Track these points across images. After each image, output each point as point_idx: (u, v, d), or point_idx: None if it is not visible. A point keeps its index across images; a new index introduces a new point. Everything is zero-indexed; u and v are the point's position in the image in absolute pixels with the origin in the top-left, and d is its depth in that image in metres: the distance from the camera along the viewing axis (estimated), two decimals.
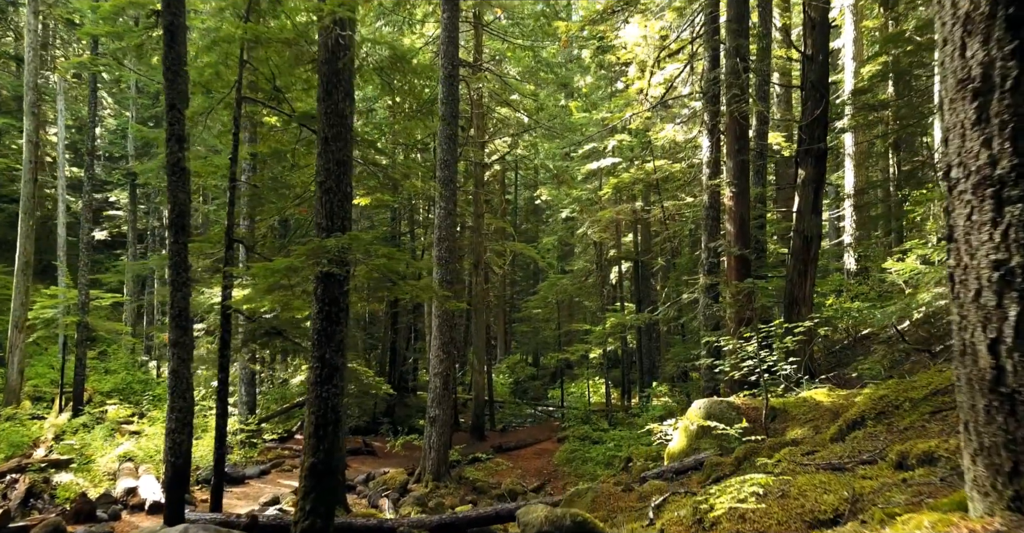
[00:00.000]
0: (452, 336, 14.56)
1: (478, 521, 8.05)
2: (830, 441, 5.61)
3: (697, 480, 7.17)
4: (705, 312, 12.82)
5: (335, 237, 6.41)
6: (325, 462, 6.57)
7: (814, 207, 12.12)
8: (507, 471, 16.23)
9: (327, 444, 6.61)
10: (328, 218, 6.82)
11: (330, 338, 6.75)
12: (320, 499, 6.48)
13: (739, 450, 6.92)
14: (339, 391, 6.77)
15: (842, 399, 7.94)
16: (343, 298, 6.85)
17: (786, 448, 5.42)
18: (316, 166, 6.99)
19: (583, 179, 26.43)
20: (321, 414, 6.63)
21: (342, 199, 6.91)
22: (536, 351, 38.45)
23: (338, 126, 6.97)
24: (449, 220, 14.41)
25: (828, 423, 7.28)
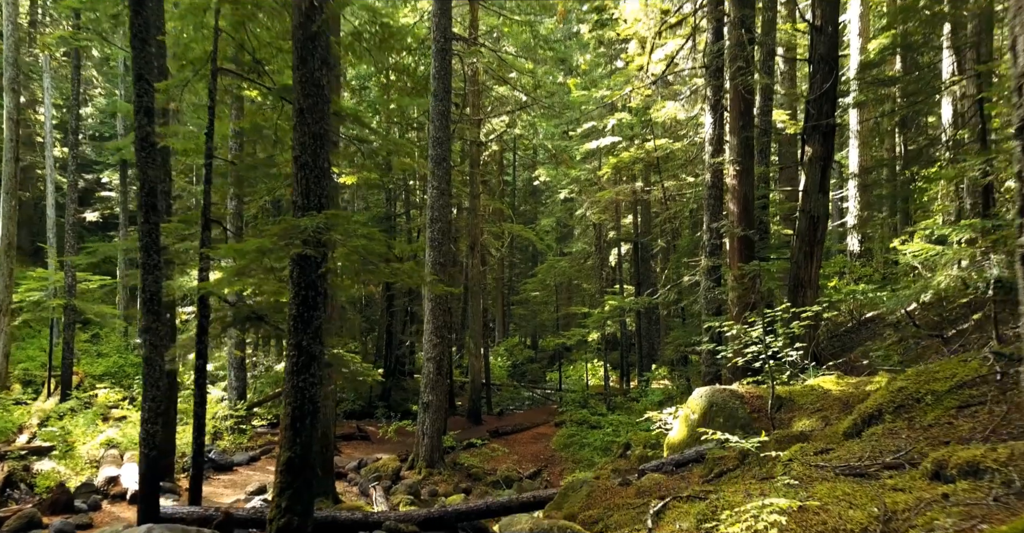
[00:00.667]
0: (446, 320, 14.15)
1: (468, 515, 7.68)
2: (844, 437, 5.19)
3: (699, 474, 6.78)
4: (706, 295, 12.38)
5: (310, 216, 5.95)
6: (302, 456, 6.16)
7: (821, 186, 11.63)
8: (503, 457, 15.90)
9: (304, 437, 6.19)
10: (304, 196, 6.35)
11: (307, 324, 6.31)
12: (297, 495, 6.09)
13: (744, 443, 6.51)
14: (317, 380, 6.34)
15: (852, 388, 7.53)
16: (321, 282, 6.40)
17: (796, 445, 5.00)
18: (292, 140, 6.50)
19: (582, 159, 25.87)
20: (298, 405, 6.21)
21: (319, 175, 6.43)
22: (534, 333, 38.12)
23: (314, 96, 6.47)
24: (442, 200, 13.92)
25: (838, 414, 6.87)
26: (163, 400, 7.60)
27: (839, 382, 7.86)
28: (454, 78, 20.18)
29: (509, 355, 33.91)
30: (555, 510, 6.94)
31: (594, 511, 6.05)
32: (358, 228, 6.29)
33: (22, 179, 31.85)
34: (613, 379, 26.92)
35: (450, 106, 14.64)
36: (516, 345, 35.60)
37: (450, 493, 12.73)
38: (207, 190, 8.57)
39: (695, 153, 19.11)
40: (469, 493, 13.09)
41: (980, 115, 12.56)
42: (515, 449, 17.26)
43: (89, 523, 9.36)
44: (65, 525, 8.89)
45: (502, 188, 32.11)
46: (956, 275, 6.68)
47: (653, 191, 22.21)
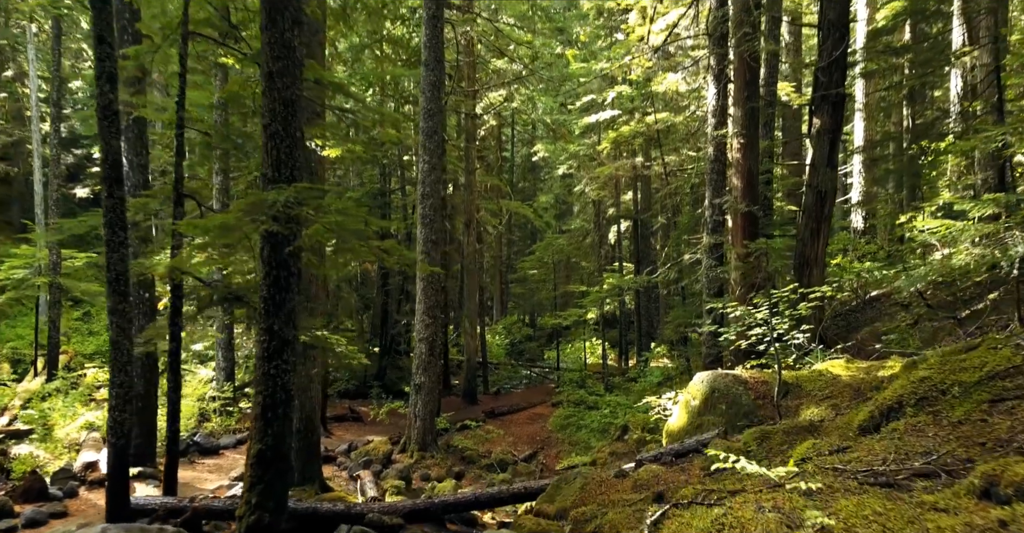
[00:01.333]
0: (439, 299, 13.70)
1: (456, 506, 7.28)
2: (859, 431, 4.74)
3: (700, 466, 6.36)
4: (708, 274, 11.90)
5: (277, 189, 5.44)
6: (275, 448, 5.73)
7: (829, 160, 11.09)
8: (498, 439, 15.55)
9: (276, 428, 5.76)
10: (274, 167, 5.84)
11: (279, 307, 5.84)
12: (269, 490, 5.67)
13: (748, 435, 6.08)
14: (290, 367, 5.89)
15: (863, 373, 7.09)
16: (294, 261, 5.92)
17: (808, 441, 4.55)
18: (261, 106, 5.98)
19: (581, 133, 25.25)
20: (269, 394, 5.76)
21: (290, 145, 5.91)
22: (533, 311, 37.74)
23: (285, 59, 5.93)
24: (434, 175, 13.38)
25: (849, 401, 6.44)
26: (131, 386, 7.16)
27: (848, 367, 7.42)
28: (448, 49, 19.52)
29: (507, 333, 33.55)
30: (547, 503, 6.54)
31: (587, 508, 5.64)
32: (333, 202, 5.79)
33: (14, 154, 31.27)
34: (612, 357, 26.57)
35: (442, 76, 14.03)
36: (514, 323, 35.23)
37: (443, 477, 12.39)
38: (178, 163, 8.04)
39: (697, 126, 18.52)
40: (462, 477, 12.76)
41: (997, 85, 11.97)
42: (510, 430, 16.92)
43: (64, 511, 8.97)
44: (37, 513, 8.51)
45: (500, 164, 31.48)
46: (977, 253, 6.21)
47: (653, 166, 21.64)
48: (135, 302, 11.19)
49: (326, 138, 9.54)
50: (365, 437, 15.34)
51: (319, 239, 5.92)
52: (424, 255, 13.28)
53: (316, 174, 10.49)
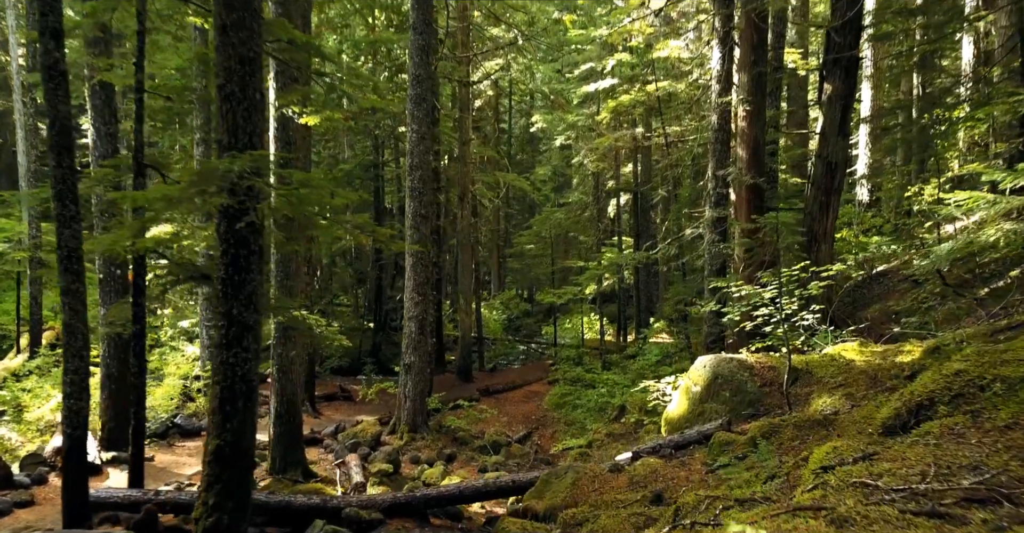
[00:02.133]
0: (428, 276, 13.13)
1: (439, 500, 6.80)
2: (883, 430, 4.20)
3: (701, 460, 5.85)
4: (710, 250, 11.32)
5: (230, 158, 4.83)
6: (234, 444, 5.20)
7: (840, 127, 10.46)
8: (492, 419, 15.11)
9: (236, 422, 5.23)
10: (231, 133, 5.21)
11: (238, 289, 5.27)
12: (227, 490, 5.15)
13: (755, 428, 5.55)
14: (252, 355, 5.34)
15: (879, 358, 6.55)
16: (255, 238, 5.33)
17: (827, 444, 4.00)
18: (216, 65, 5.33)
19: (579, 103, 24.43)
20: (228, 385, 5.22)
21: (248, 109, 5.28)
22: (531, 285, 37.23)
23: (240, 10, 5.27)
24: (423, 145, 12.72)
25: (865, 390, 5.91)
26: (86, 372, 6.62)
27: (863, 351, 6.88)
28: (440, 14, 18.68)
29: (505, 308, 33.07)
30: (535, 499, 6.04)
31: (578, 510, 5.13)
32: (294, 173, 5.18)
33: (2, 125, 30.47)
34: (610, 333, 26.10)
35: (432, 40, 13.28)
36: (512, 298, 34.75)
37: (433, 460, 11.95)
38: (138, 129, 7.40)
39: (699, 95, 17.75)
40: (453, 459, 12.32)
41: (1021, 47, 11.25)
42: (505, 409, 16.48)
43: (30, 500, 8.52)
44: (1, 503, 8.07)
45: (497, 135, 30.70)
46: (1009, 229, 5.64)
47: (654, 137, 20.91)
48: (106, 280, 10.65)
49: (303, 104, 8.88)
50: (355, 417, 14.90)
51: (286, 213, 5.33)
52: (413, 229, 12.68)
53: (292, 143, 9.84)
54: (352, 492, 8.29)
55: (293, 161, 9.80)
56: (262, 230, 5.46)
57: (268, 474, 9.88)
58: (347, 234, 5.64)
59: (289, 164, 9.76)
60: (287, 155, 5.40)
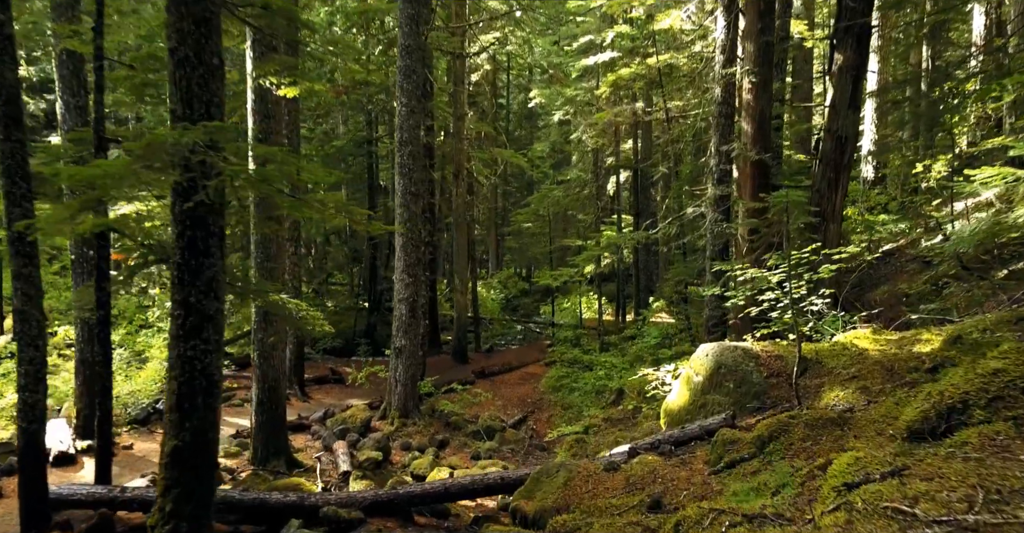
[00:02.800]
0: (419, 256, 12.64)
1: (423, 498, 6.39)
2: (909, 435, 3.74)
3: (703, 458, 5.42)
4: (713, 229, 10.82)
5: (182, 129, 4.32)
6: (194, 444, 4.76)
7: (851, 100, 9.89)
8: (487, 402, 14.73)
9: (196, 421, 4.78)
10: (184, 103, 4.69)
11: (196, 275, 4.79)
12: (187, 495, 4.72)
13: (762, 425, 5.11)
14: (213, 347, 4.88)
15: (895, 347, 6.09)
16: (214, 219, 4.84)
17: (848, 455, 3.54)
18: (167, 26, 4.79)
19: (578, 77, 23.73)
20: (186, 380, 4.76)
21: (205, 75, 4.76)
22: (530, 264, 36.76)
23: None
24: (412, 120, 12.15)
25: (881, 383, 5.45)
26: (44, 362, 6.17)
27: (876, 339, 6.42)
28: None
29: (503, 288, 32.64)
30: (525, 499, 5.62)
31: (570, 516, 4.71)
32: (258, 147, 4.67)
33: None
34: (609, 312, 25.67)
35: (423, 9, 12.66)
36: (510, 277, 34.30)
37: (425, 447, 11.57)
38: (98, 100, 6.87)
39: (702, 67, 17.10)
40: (446, 446, 11.95)
41: None
42: (500, 392, 16.10)
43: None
44: None
45: (495, 111, 29.98)
46: None
47: (654, 112, 20.27)
48: (78, 261, 10.17)
49: (281, 75, 8.31)
50: (345, 401, 14.52)
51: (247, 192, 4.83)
52: (403, 208, 12.18)
53: (272, 117, 9.30)
54: (334, 488, 7.89)
55: (272, 135, 9.26)
56: (222, 210, 4.96)
57: (250, 464, 9.50)
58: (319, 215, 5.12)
59: (268, 139, 9.24)
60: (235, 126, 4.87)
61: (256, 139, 9.19)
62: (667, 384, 8.46)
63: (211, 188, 4.20)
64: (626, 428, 11.43)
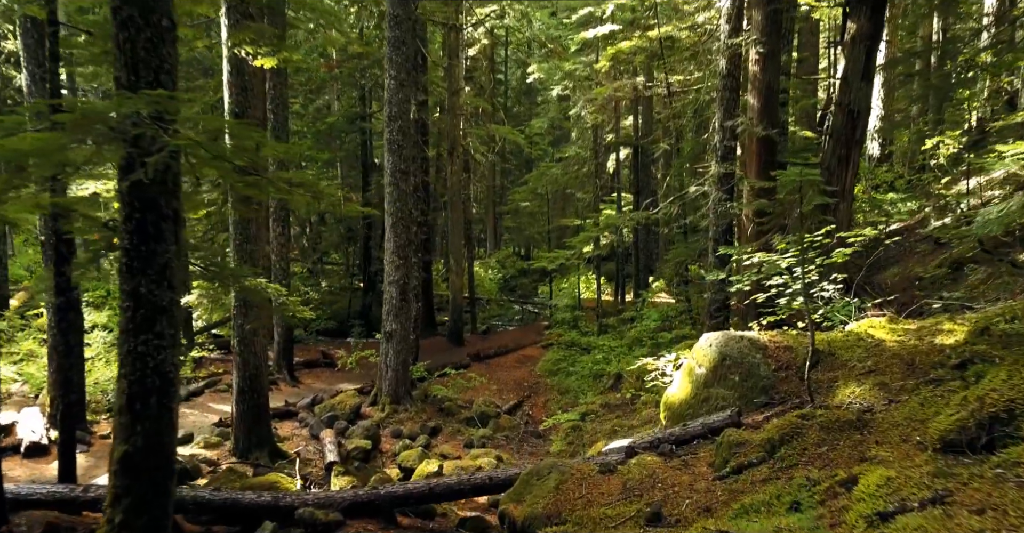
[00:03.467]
0: (410, 237, 12.14)
1: (406, 499, 5.98)
2: (943, 446, 3.30)
3: (707, 460, 4.99)
4: (716, 209, 10.31)
5: (121, 97, 3.81)
6: (147, 449, 4.32)
7: (865, 72, 9.34)
8: (481, 387, 14.34)
9: (149, 423, 4.33)
10: (130, 70, 4.18)
11: (147, 262, 4.32)
12: (140, 506, 4.29)
13: (772, 427, 4.67)
14: (167, 342, 4.41)
15: (913, 337, 5.63)
16: (168, 201, 4.35)
17: (876, 472, 3.09)
18: None
19: (577, 50, 23.03)
20: (137, 378, 4.31)
21: (153, 38, 4.24)
22: (528, 244, 36.26)
23: None
24: (402, 93, 11.58)
25: (901, 378, 5.01)
26: None
27: (893, 328, 5.96)
28: None
29: (501, 267, 32.17)
30: (514, 503, 5.20)
31: (562, 529, 4.29)
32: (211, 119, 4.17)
33: None
34: (608, 292, 25.23)
35: None
36: (508, 256, 33.80)
37: (416, 434, 11.20)
38: (54, 70, 6.33)
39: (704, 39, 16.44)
40: (438, 433, 11.58)
41: None
42: (496, 376, 15.71)
43: None
44: None
45: (493, 87, 29.24)
46: None
47: (655, 87, 19.63)
48: (49, 241, 9.66)
49: (257, 44, 7.76)
50: (336, 386, 14.13)
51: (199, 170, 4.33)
52: (392, 186, 11.66)
53: (251, 90, 8.75)
54: (312, 485, 7.49)
55: (250, 110, 8.72)
56: (177, 190, 4.48)
57: (232, 455, 9.11)
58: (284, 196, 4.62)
59: (245, 113, 8.71)
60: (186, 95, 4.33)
61: (232, 113, 8.66)
62: (667, 375, 8.03)
63: (151, 165, 3.70)
64: (624, 414, 11.04)
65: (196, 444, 9.35)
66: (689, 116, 19.37)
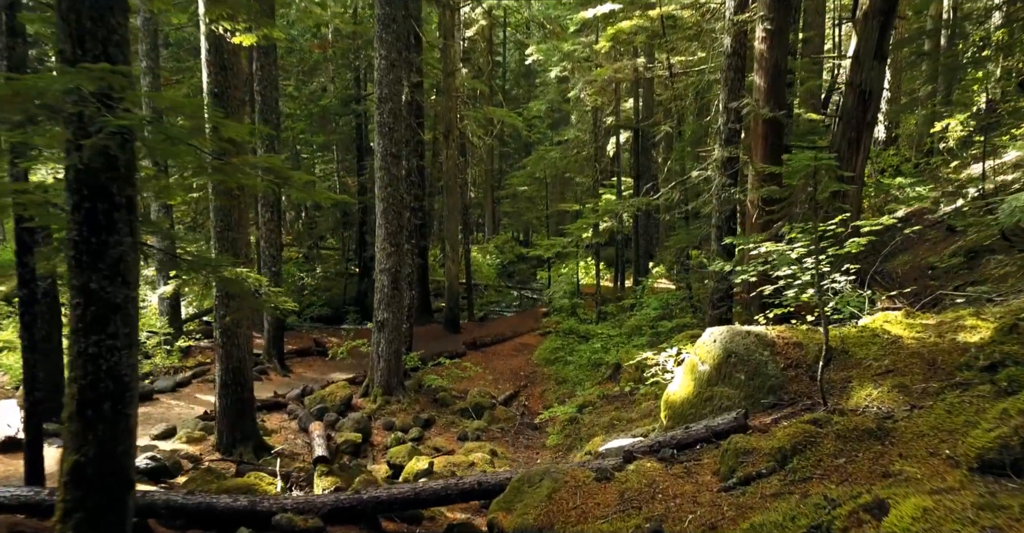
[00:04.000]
0: (402, 223, 11.72)
1: (390, 505, 5.63)
2: (979, 465, 2.93)
3: (712, 468, 4.64)
4: (719, 195, 9.89)
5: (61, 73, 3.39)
6: (100, 461, 3.95)
7: (878, 50, 8.89)
8: (477, 376, 14.00)
9: (103, 431, 3.96)
10: (75, 42, 3.75)
11: (98, 255, 3.92)
12: (91, 523, 3.92)
13: (783, 435, 4.30)
14: (122, 342, 4.03)
15: (933, 334, 5.25)
16: (122, 187, 3.95)
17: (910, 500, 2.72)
18: None
19: (576, 31, 22.43)
20: (89, 383, 3.94)
21: (102, 7, 3.81)
22: (527, 228, 35.81)
23: None
24: (393, 74, 11.11)
25: (923, 380, 4.63)
26: None
27: (911, 324, 5.57)
28: None
29: (499, 252, 31.75)
30: (503, 511, 4.85)
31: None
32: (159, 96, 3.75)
33: None
34: (607, 278, 24.83)
35: None
36: (507, 241, 33.37)
37: (409, 426, 10.87)
38: (11, 46, 5.90)
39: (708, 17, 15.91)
40: (431, 425, 11.25)
41: None
42: (492, 364, 15.37)
43: None
44: None
45: (491, 69, 28.65)
46: None
47: (656, 68, 19.10)
48: None
49: (235, 20, 7.30)
50: (328, 376, 13.79)
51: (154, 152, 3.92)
52: (383, 171, 11.23)
53: (231, 69, 8.30)
54: (293, 487, 7.15)
55: (230, 90, 8.28)
56: (131, 176, 4.07)
57: (215, 450, 8.78)
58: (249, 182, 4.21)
59: (225, 94, 8.27)
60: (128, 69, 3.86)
61: (211, 94, 8.22)
62: (668, 371, 7.67)
63: (88, 148, 3.29)
64: (623, 406, 10.69)
65: (178, 438, 9.01)
66: (691, 98, 18.87)
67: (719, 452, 4.69)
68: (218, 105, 8.20)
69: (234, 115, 8.39)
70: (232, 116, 8.35)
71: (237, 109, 8.36)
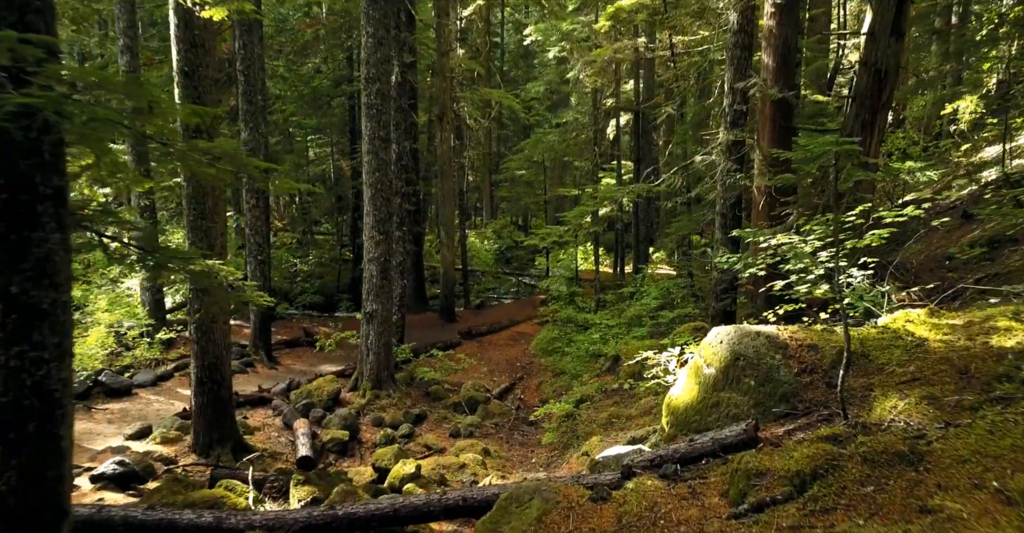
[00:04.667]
0: (391, 211, 11.21)
1: (367, 522, 5.17)
2: None
3: (719, 488, 4.16)
4: (724, 180, 9.37)
5: None
6: (24, 490, 3.47)
7: (895, 26, 8.30)
8: (471, 368, 13.58)
9: (28, 456, 3.48)
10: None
11: (19, 255, 3.43)
12: None
13: (800, 455, 3.81)
14: (51, 354, 3.54)
15: (963, 336, 4.76)
16: (47, 176, 3.44)
17: None
18: None
19: (575, 9, 21.76)
20: (12, 401, 3.45)
21: None
22: (526, 213, 35.27)
23: None
24: (380, 53, 10.54)
25: (954, 390, 4.15)
26: None
27: (936, 324, 5.08)
28: None
29: (497, 238, 31.20)
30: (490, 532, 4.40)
31: None
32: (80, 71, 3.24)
33: None
34: (606, 264, 24.36)
35: None
36: (505, 226, 32.81)
37: (399, 422, 10.45)
38: None
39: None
40: (423, 421, 10.83)
41: None
42: (488, 355, 14.94)
43: None
44: None
45: (489, 49, 27.95)
46: None
47: (657, 49, 18.47)
48: None
49: None
50: (317, 368, 13.34)
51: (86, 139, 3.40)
52: (371, 155, 10.71)
53: (202, 46, 7.74)
54: (267, 498, 6.69)
55: (202, 68, 7.72)
56: (61, 164, 3.56)
57: (192, 451, 8.34)
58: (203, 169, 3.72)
59: (196, 73, 7.72)
60: None
61: (182, 73, 7.67)
62: (671, 372, 7.20)
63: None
64: (622, 401, 10.25)
65: (153, 439, 8.56)
66: (693, 79, 18.24)
67: (727, 470, 4.22)
68: (188, 85, 7.67)
69: (207, 96, 7.86)
70: (205, 97, 7.82)
71: (210, 89, 7.81)
